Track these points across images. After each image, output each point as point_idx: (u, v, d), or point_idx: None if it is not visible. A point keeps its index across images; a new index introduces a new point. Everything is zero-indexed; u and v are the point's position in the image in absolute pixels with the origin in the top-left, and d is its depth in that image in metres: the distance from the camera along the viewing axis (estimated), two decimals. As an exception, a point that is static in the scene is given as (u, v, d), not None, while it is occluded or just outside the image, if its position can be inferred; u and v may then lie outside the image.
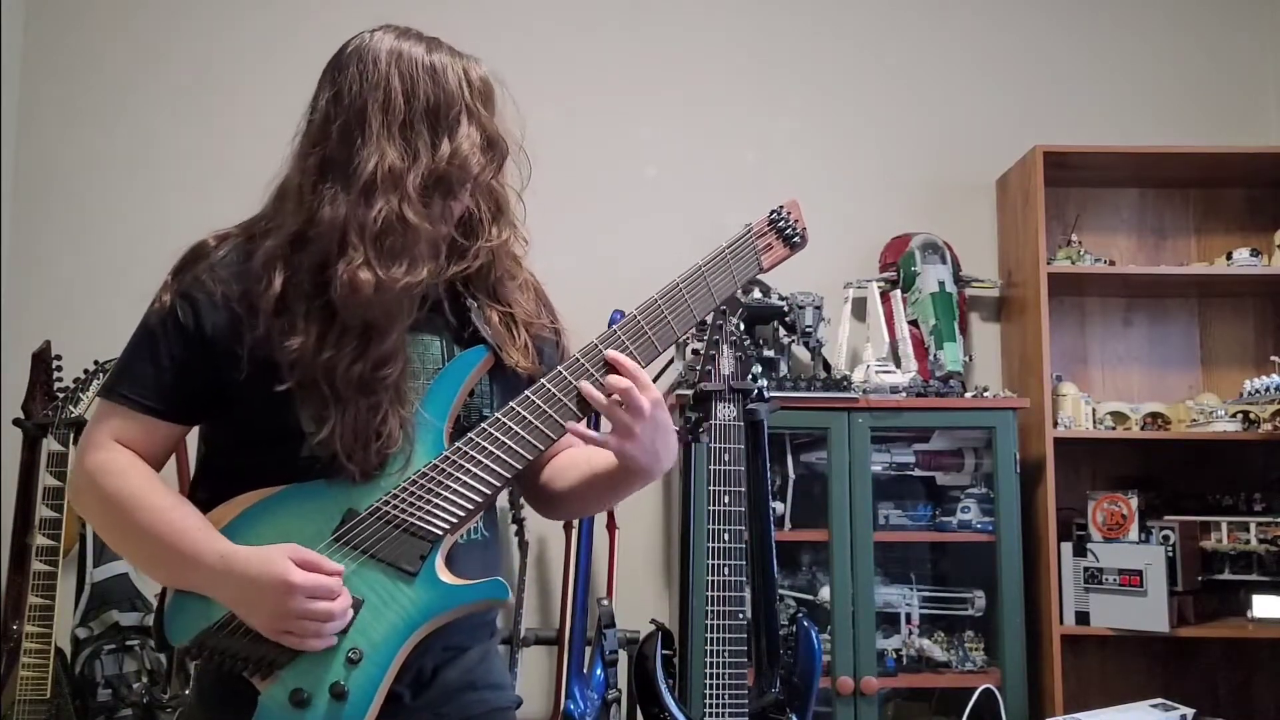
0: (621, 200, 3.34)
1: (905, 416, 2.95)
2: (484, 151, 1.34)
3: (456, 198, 1.33)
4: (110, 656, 2.75)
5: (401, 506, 1.26)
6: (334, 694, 1.21)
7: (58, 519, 2.69)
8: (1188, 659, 3.21)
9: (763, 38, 3.46)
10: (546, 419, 1.31)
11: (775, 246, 1.43)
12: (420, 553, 1.25)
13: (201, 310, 1.29)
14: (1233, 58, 3.52)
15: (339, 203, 1.27)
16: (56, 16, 3.39)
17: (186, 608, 1.26)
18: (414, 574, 1.25)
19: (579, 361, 1.33)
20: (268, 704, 1.22)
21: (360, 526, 1.26)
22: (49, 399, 2.83)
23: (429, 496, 1.27)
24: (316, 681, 1.22)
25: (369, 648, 1.23)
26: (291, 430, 1.26)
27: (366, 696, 1.22)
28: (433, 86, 1.32)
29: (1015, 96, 3.46)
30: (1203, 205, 3.42)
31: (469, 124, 1.32)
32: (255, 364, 1.26)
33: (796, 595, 3.04)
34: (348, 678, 1.22)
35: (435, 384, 1.33)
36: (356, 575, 1.25)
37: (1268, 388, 2.83)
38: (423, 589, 1.25)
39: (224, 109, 3.34)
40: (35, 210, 3.32)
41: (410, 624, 1.25)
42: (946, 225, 3.35)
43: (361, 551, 1.25)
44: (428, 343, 1.36)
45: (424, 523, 1.26)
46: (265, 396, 1.26)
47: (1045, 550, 2.97)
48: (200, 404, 1.32)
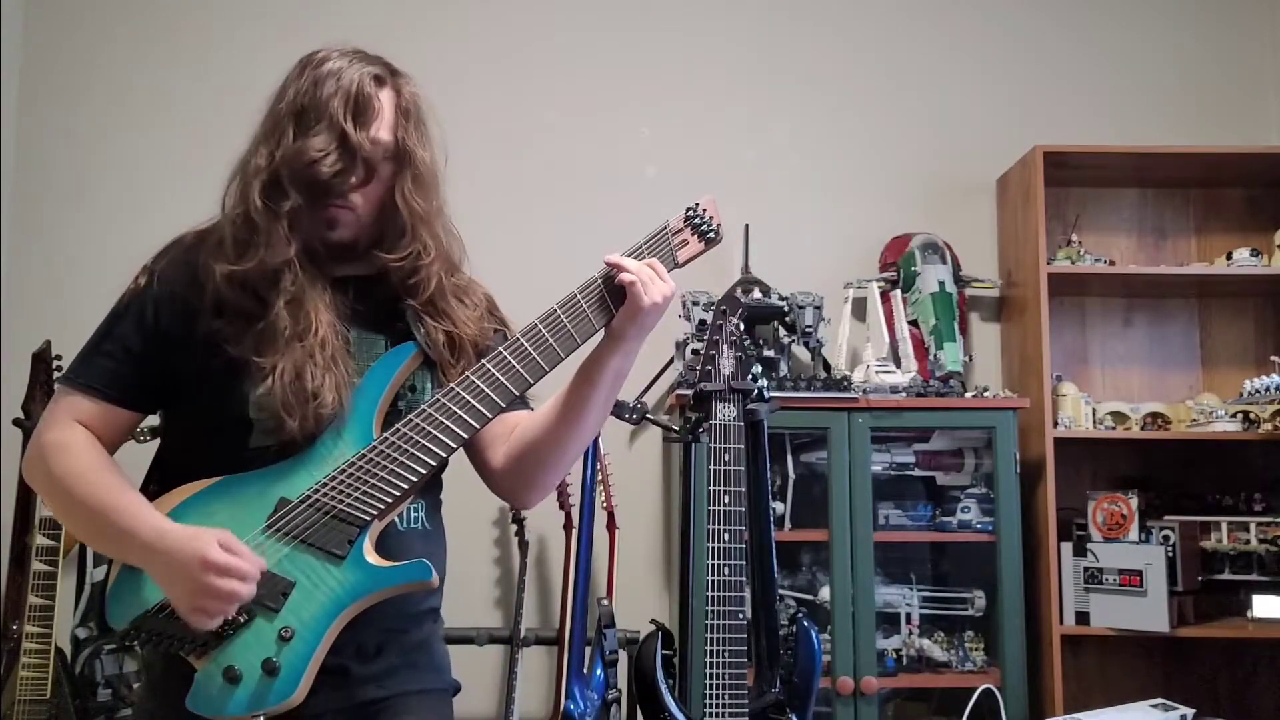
0: (621, 200, 3.34)
1: (905, 416, 2.95)
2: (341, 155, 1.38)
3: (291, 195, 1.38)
4: (110, 656, 2.75)
5: (331, 494, 1.34)
6: (265, 670, 1.29)
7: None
8: (1188, 659, 3.21)
9: (763, 38, 3.46)
10: (474, 405, 1.38)
11: (690, 242, 1.50)
12: (348, 537, 1.33)
13: (160, 302, 1.41)
14: (1233, 58, 3.51)
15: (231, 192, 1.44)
16: (56, 17, 3.39)
17: (124, 594, 1.34)
18: (342, 557, 1.33)
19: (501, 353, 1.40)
20: (203, 680, 1.30)
21: (292, 513, 1.34)
22: (49, 399, 2.83)
23: (356, 485, 1.34)
24: (249, 659, 1.29)
25: (300, 626, 1.31)
26: (238, 419, 1.36)
27: (296, 672, 1.29)
28: (312, 91, 1.41)
29: (1015, 96, 3.46)
30: (1203, 205, 3.42)
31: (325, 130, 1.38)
32: (203, 349, 1.36)
33: (796, 595, 3.04)
34: (279, 654, 1.29)
35: (366, 377, 1.41)
36: (289, 559, 1.33)
37: (1268, 388, 2.83)
38: (350, 571, 1.33)
39: (224, 109, 3.32)
40: (35, 210, 3.32)
41: (339, 604, 1.32)
42: (946, 225, 3.35)
43: (293, 537, 1.33)
44: (372, 340, 1.45)
45: (352, 509, 1.34)
46: (214, 383, 1.36)
47: (1045, 550, 2.97)
48: (154, 392, 1.43)
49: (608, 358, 1.45)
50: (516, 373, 1.39)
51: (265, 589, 1.30)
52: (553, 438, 1.48)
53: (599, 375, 1.45)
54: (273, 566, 1.32)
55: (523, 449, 1.50)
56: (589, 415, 1.47)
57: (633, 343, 1.45)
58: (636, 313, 1.41)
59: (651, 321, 1.43)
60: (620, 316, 1.42)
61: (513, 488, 1.55)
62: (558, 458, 1.50)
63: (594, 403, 1.46)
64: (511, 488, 1.55)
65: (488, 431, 1.47)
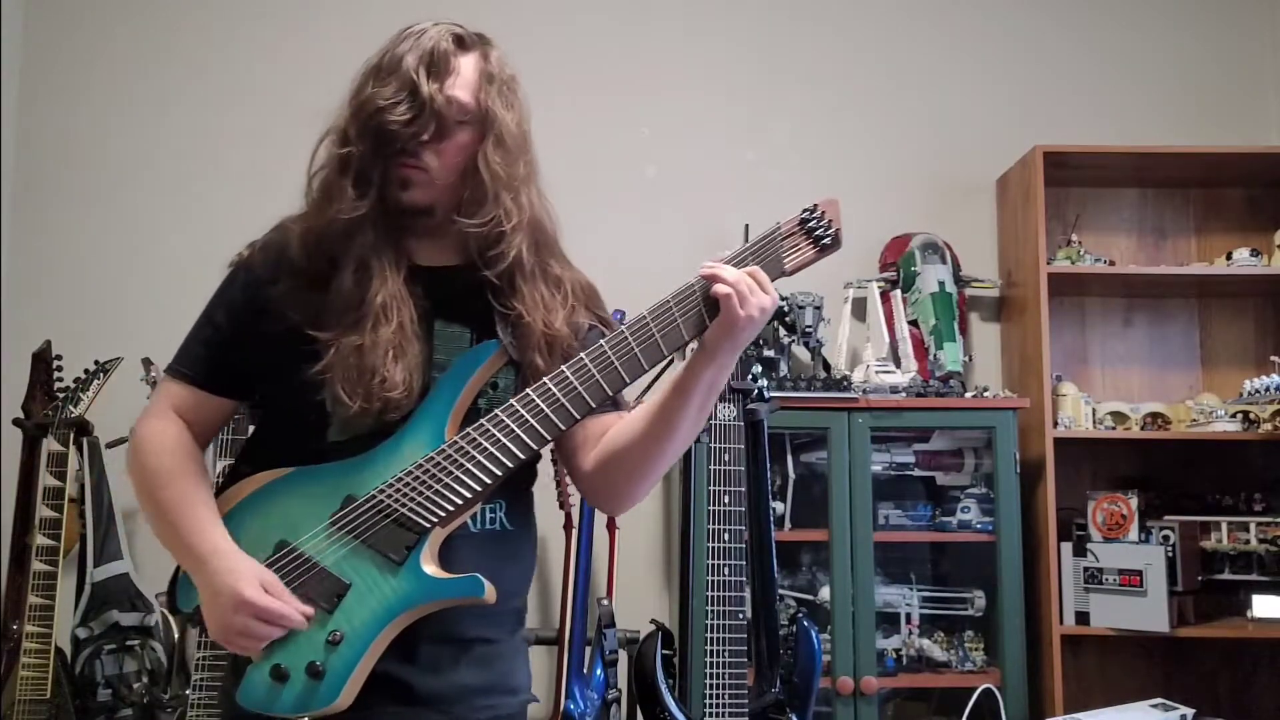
0: (621, 200, 3.34)
1: (905, 416, 2.95)
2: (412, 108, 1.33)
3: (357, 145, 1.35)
4: (110, 656, 2.75)
5: (396, 496, 1.30)
6: (310, 673, 1.27)
7: (58, 519, 2.69)
8: (1188, 659, 3.21)
9: (763, 38, 3.46)
10: (548, 414, 1.31)
11: (803, 249, 1.37)
12: (407, 543, 1.29)
13: (247, 284, 1.39)
14: (1233, 58, 3.51)
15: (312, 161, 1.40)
16: (56, 17, 3.39)
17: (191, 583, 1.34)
18: (399, 563, 1.29)
19: (602, 349, 1.32)
20: (253, 676, 1.29)
21: (357, 512, 1.31)
22: (49, 399, 2.83)
23: (422, 488, 1.30)
24: (297, 659, 1.28)
25: (349, 631, 1.28)
26: (317, 410, 1.33)
27: (340, 678, 1.27)
28: (392, 50, 1.38)
29: (1015, 96, 3.46)
30: (1203, 205, 3.42)
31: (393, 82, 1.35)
32: (273, 321, 1.34)
33: (796, 595, 3.04)
34: (325, 659, 1.27)
35: (445, 376, 1.35)
36: (347, 560, 1.30)
37: (1268, 388, 2.83)
38: (405, 579, 1.29)
39: (224, 108, 3.33)
40: (35, 210, 3.31)
41: (390, 612, 1.28)
42: (946, 225, 3.35)
43: (354, 537, 1.30)
44: (457, 332, 1.40)
45: (414, 514, 1.29)
46: (285, 364, 1.33)
47: (1045, 550, 2.96)
48: (243, 378, 1.42)
49: (701, 370, 1.34)
50: (595, 383, 1.31)
51: (321, 589, 1.29)
52: (642, 450, 1.38)
53: (691, 388, 1.35)
54: (331, 566, 1.30)
55: (611, 458, 1.41)
56: (680, 429, 1.37)
57: (726, 356, 1.35)
58: (731, 327, 1.31)
59: (747, 337, 1.34)
60: (714, 329, 1.32)
61: (601, 495, 1.47)
62: (646, 470, 1.40)
63: (685, 416, 1.36)
64: (599, 495, 1.47)
65: (578, 434, 1.42)
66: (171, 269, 3.24)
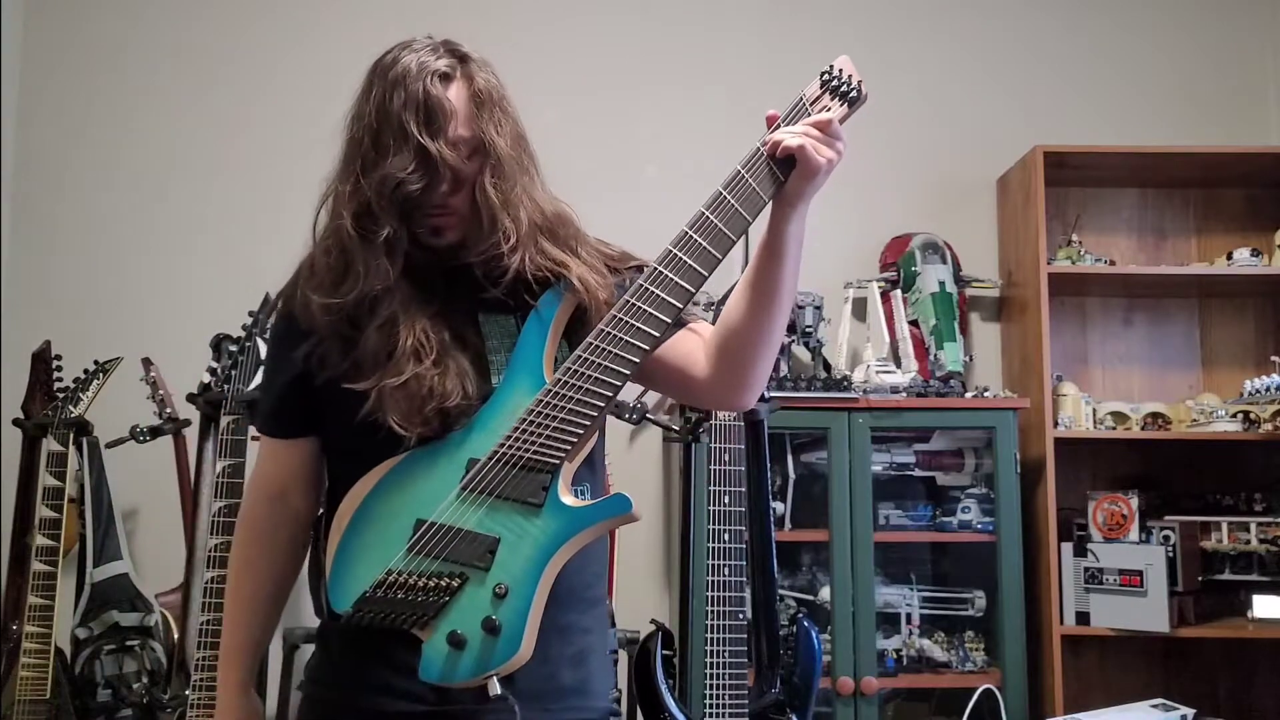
0: (621, 200, 3.34)
1: (905, 416, 2.95)
2: (415, 172, 1.34)
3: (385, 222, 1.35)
4: (110, 656, 2.75)
5: (517, 445, 1.32)
6: (486, 629, 1.28)
7: (58, 519, 2.69)
8: (1188, 659, 3.21)
9: (763, 37, 3.46)
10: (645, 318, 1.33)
11: (833, 108, 1.40)
12: (542, 485, 1.32)
13: (291, 331, 1.42)
14: (1233, 58, 3.51)
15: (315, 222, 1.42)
16: (56, 17, 3.39)
17: (342, 580, 1.35)
18: (539, 505, 1.31)
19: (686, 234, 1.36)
20: (430, 652, 1.30)
21: (484, 471, 1.33)
22: (49, 399, 2.83)
23: (540, 430, 1.32)
24: (470, 621, 1.29)
25: (512, 581, 1.29)
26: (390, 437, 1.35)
27: (517, 628, 1.28)
28: (383, 106, 1.35)
29: (1015, 96, 3.46)
30: (1203, 205, 3.42)
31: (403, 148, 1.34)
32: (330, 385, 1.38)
33: (796, 595, 3.04)
34: (497, 611, 1.28)
35: (525, 329, 1.39)
36: (489, 517, 1.32)
37: (1268, 388, 2.83)
38: (550, 517, 1.31)
39: (224, 109, 3.33)
40: (35, 210, 3.32)
41: (545, 552, 1.30)
42: (946, 225, 3.35)
43: (489, 494, 1.32)
44: (501, 321, 1.43)
45: (539, 455, 1.32)
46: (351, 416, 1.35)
47: (1045, 550, 2.96)
48: (314, 417, 1.46)
49: (786, 225, 1.38)
50: (690, 267, 1.35)
51: (472, 551, 1.30)
52: (757, 324, 1.41)
53: (784, 245, 1.38)
54: (475, 526, 1.31)
55: (726, 347, 1.43)
56: (784, 287, 1.40)
57: (804, 206, 1.39)
58: (813, 174, 1.35)
59: (823, 181, 1.37)
60: (794, 181, 1.36)
61: (727, 391, 1.48)
62: (765, 344, 1.43)
63: (787, 273, 1.39)
64: (726, 392, 1.48)
65: (676, 351, 1.45)
66: (171, 269, 3.25)
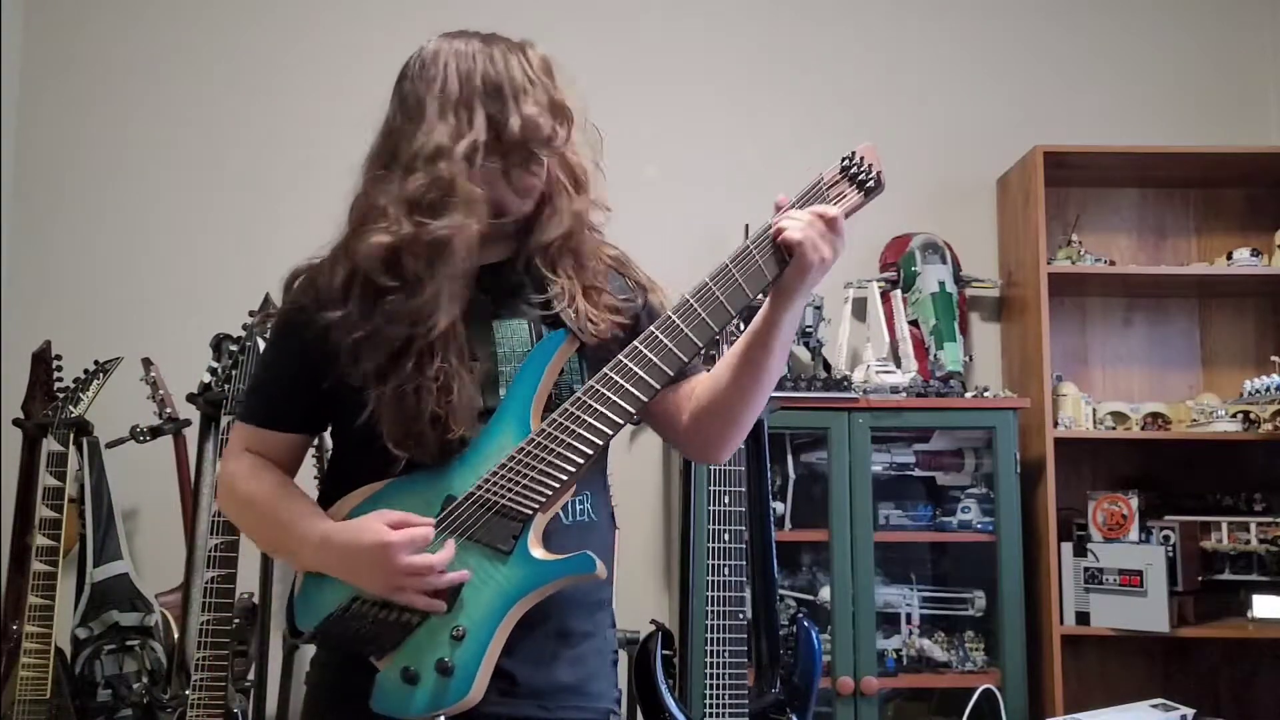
0: (621, 200, 3.33)
1: (905, 416, 2.95)
2: (552, 117, 1.40)
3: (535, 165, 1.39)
4: (110, 656, 2.75)
5: (494, 489, 1.32)
6: (439, 670, 1.29)
7: (58, 519, 2.69)
8: (1188, 659, 3.21)
9: (763, 37, 3.46)
10: (636, 381, 1.33)
11: (849, 195, 1.40)
12: (513, 533, 1.32)
13: (298, 329, 1.39)
14: (1233, 58, 3.51)
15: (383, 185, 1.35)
16: (56, 17, 3.39)
17: (309, 600, 1.36)
18: (508, 553, 1.31)
19: (671, 320, 1.34)
20: (383, 682, 1.31)
21: (459, 511, 1.33)
22: (49, 399, 2.83)
23: (518, 478, 1.32)
24: (424, 659, 1.30)
25: (471, 625, 1.30)
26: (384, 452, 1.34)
27: (469, 672, 1.29)
28: (491, 67, 1.40)
29: (1015, 96, 3.46)
30: (1203, 205, 3.42)
31: (532, 95, 1.39)
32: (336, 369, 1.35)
33: (796, 595, 3.04)
34: (452, 654, 1.29)
35: (521, 369, 1.38)
36: (457, 558, 1.31)
37: (1268, 388, 2.83)
38: (516, 566, 1.31)
39: (224, 109, 3.33)
40: (35, 210, 3.31)
41: (507, 600, 1.31)
42: (946, 225, 3.35)
43: (461, 535, 1.33)
44: (515, 327, 1.42)
45: (514, 504, 1.32)
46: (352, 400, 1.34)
47: (1045, 550, 2.96)
48: (310, 414, 1.45)
49: (779, 315, 1.39)
50: (685, 336, 1.33)
51: None
52: (735, 400, 1.44)
53: (772, 335, 1.40)
54: None
55: (705, 412, 1.47)
56: (768, 373, 1.42)
57: (800, 299, 1.39)
58: (806, 270, 1.34)
59: (817, 278, 1.37)
60: (789, 274, 1.35)
61: (702, 448, 1.53)
62: (742, 418, 1.46)
63: (771, 361, 1.41)
64: (702, 448, 1.53)
65: (670, 401, 1.47)
66: (171, 269, 3.24)
